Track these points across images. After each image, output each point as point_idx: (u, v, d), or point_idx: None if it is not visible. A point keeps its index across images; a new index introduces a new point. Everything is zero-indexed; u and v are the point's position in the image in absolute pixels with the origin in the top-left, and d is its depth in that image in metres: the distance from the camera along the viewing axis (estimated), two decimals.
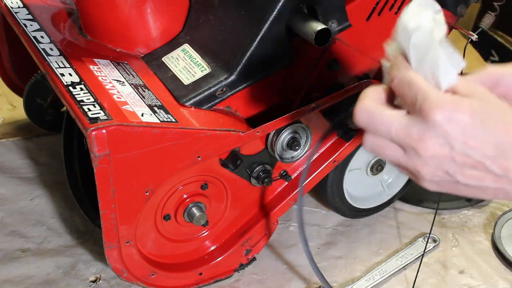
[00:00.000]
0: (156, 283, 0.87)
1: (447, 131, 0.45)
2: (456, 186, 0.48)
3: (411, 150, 0.47)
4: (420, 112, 0.45)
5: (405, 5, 0.90)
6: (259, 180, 0.89)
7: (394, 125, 0.47)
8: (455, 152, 0.45)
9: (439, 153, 0.46)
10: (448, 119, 0.44)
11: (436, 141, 0.45)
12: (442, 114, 0.44)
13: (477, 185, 0.47)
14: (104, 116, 0.68)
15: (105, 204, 0.72)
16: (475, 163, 0.46)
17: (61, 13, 0.96)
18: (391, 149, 0.48)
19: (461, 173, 0.47)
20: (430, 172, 0.47)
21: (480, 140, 0.45)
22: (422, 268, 1.00)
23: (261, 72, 0.82)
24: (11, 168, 1.20)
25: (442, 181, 0.48)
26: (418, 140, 0.46)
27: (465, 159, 0.46)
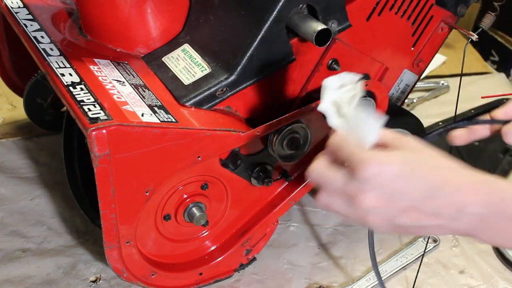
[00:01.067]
0: (156, 283, 0.87)
1: (377, 183, 0.50)
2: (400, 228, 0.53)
3: (352, 204, 0.52)
4: (352, 171, 0.51)
5: (405, 5, 0.90)
6: (259, 180, 0.89)
7: (336, 182, 0.52)
8: (389, 201, 0.50)
9: (375, 204, 0.51)
10: (376, 173, 0.50)
11: (370, 194, 0.50)
12: (370, 170, 0.50)
13: (417, 226, 0.52)
14: (104, 116, 0.68)
15: (105, 204, 0.72)
16: (409, 208, 0.51)
17: (61, 13, 0.96)
18: (338, 204, 0.54)
19: (399, 219, 0.52)
20: (375, 221, 0.52)
21: (412, 185, 0.50)
22: (422, 268, 1.00)
23: (261, 72, 0.82)
24: (11, 168, 1.20)
25: (386, 226, 0.52)
26: (354, 196, 0.51)
27: (400, 205, 0.51)
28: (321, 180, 0.54)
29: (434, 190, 0.50)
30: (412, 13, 0.92)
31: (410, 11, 0.92)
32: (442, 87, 1.51)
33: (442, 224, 0.51)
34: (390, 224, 0.52)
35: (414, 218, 0.51)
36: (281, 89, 0.87)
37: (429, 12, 0.93)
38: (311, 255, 1.05)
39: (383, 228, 0.53)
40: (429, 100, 1.50)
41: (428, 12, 0.93)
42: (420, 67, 0.99)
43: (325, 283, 0.99)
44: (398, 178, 0.50)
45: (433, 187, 0.50)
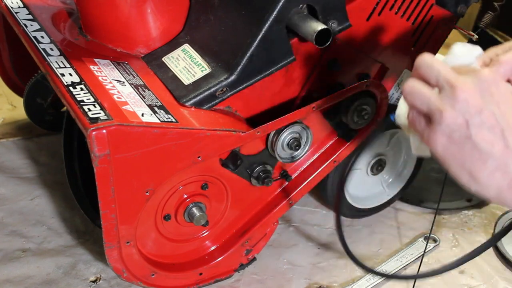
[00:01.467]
0: (156, 283, 0.87)
1: (489, 88, 0.49)
2: (463, 144, 0.50)
3: (448, 90, 0.50)
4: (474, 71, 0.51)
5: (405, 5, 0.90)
6: (259, 180, 0.89)
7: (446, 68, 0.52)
8: (485, 107, 0.49)
9: (472, 101, 0.49)
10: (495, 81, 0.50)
11: (475, 90, 0.49)
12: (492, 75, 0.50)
13: (484, 149, 0.49)
14: (104, 116, 0.68)
15: (105, 204, 0.72)
16: (495, 125, 0.49)
17: (61, 13, 0.96)
18: (427, 89, 0.52)
19: (478, 129, 0.49)
20: (453, 116, 0.50)
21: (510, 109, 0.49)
22: (422, 268, 1.00)
23: (261, 72, 0.82)
24: (11, 168, 1.21)
25: (455, 133, 0.50)
26: (461, 82, 0.50)
27: (490, 117, 0.49)
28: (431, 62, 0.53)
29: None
30: (412, 13, 0.92)
31: (410, 11, 0.92)
32: None
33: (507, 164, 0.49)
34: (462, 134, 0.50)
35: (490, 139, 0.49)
36: (281, 89, 0.87)
37: (429, 12, 0.93)
38: (311, 255, 1.05)
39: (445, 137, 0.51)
40: None
41: (428, 12, 0.93)
42: None
43: (325, 283, 0.99)
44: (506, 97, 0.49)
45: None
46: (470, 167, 0.50)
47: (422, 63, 0.53)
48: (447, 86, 0.50)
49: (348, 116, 0.91)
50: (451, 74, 0.51)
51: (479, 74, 0.50)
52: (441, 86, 0.51)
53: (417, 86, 0.53)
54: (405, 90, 0.54)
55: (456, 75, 0.51)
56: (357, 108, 0.91)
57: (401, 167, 1.12)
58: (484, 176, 0.50)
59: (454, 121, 0.50)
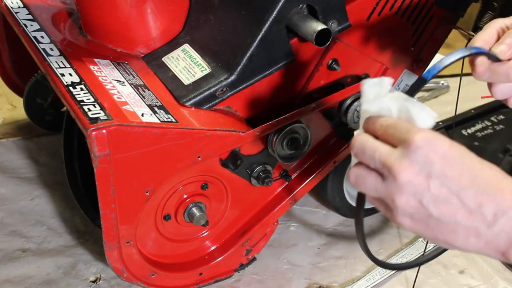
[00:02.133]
0: (156, 283, 0.87)
1: (426, 157, 0.47)
2: (428, 222, 0.48)
3: (389, 176, 0.48)
4: (404, 141, 0.48)
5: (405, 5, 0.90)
6: (259, 180, 0.89)
7: (379, 150, 0.49)
8: (431, 180, 0.47)
9: (415, 179, 0.47)
10: (429, 145, 0.47)
11: (415, 166, 0.47)
12: (424, 139, 0.47)
13: (449, 222, 0.47)
14: (104, 116, 0.68)
15: (105, 204, 0.72)
16: (449, 195, 0.47)
17: (61, 13, 0.96)
18: (370, 178, 0.50)
19: (434, 205, 0.47)
20: (404, 201, 0.48)
21: (457, 171, 0.47)
22: (422, 268, 1.00)
23: (261, 72, 0.82)
24: (11, 168, 1.20)
25: (415, 214, 0.48)
26: (397, 164, 0.47)
27: (440, 189, 0.47)
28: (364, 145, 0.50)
29: (480, 184, 0.46)
30: (412, 13, 0.92)
31: (410, 11, 0.92)
32: (442, 87, 1.51)
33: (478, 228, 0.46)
34: (422, 213, 0.48)
35: (450, 211, 0.47)
36: (281, 89, 0.87)
37: (429, 12, 0.93)
38: (311, 255, 1.05)
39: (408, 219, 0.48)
40: (429, 100, 1.50)
41: (428, 12, 0.93)
42: (420, 67, 0.99)
43: (325, 283, 0.99)
44: (448, 159, 0.47)
45: (479, 181, 0.46)
46: (444, 239, 0.49)
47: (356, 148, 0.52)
48: (387, 172, 0.48)
49: (348, 116, 0.91)
50: (385, 155, 0.49)
51: (410, 145, 0.47)
52: (381, 172, 0.49)
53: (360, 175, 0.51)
54: (351, 181, 0.52)
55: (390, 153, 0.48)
56: (357, 109, 0.91)
57: None
58: (460, 244, 0.48)
59: (409, 205, 0.48)
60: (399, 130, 0.49)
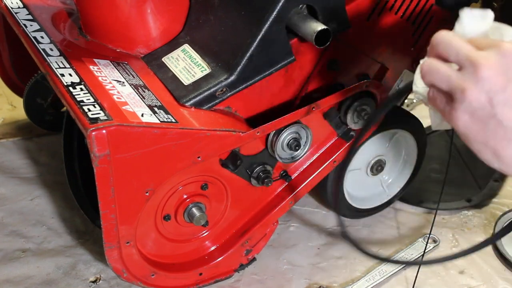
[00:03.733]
0: (156, 283, 0.87)
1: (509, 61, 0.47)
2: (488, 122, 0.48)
3: (469, 67, 0.48)
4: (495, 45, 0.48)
5: (405, 5, 0.90)
6: (259, 180, 0.89)
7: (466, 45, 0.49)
8: (509, 83, 0.47)
9: (495, 78, 0.47)
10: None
11: (499, 67, 0.47)
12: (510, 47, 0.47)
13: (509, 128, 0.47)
14: (104, 117, 0.68)
15: (105, 204, 0.72)
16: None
17: (61, 13, 0.96)
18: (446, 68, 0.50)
19: (503, 107, 0.47)
20: (475, 94, 0.48)
21: None
22: (422, 268, 1.00)
23: (261, 72, 0.82)
24: (11, 168, 1.21)
25: (478, 111, 0.48)
26: (483, 59, 0.47)
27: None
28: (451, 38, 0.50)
29: None
30: (412, 14, 0.92)
31: (410, 12, 0.92)
32: None
33: None
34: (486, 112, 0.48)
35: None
36: (281, 89, 0.87)
37: (429, 13, 0.93)
38: (311, 255, 1.05)
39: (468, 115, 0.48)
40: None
41: (428, 13, 0.93)
42: None
43: (325, 283, 0.99)
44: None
45: None
46: (494, 145, 0.48)
47: (440, 40, 0.51)
48: (469, 64, 0.48)
49: (348, 116, 0.91)
50: (472, 51, 0.49)
51: (501, 49, 0.48)
52: (462, 63, 0.49)
53: (435, 64, 0.51)
54: (423, 70, 0.52)
55: (476, 51, 0.49)
56: (357, 109, 0.91)
57: (401, 167, 1.12)
58: (509, 155, 0.48)
59: (477, 100, 0.48)
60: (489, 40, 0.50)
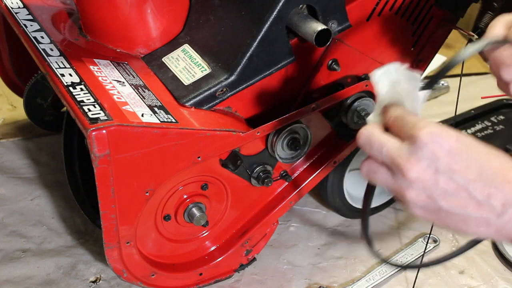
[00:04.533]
0: (156, 284, 0.87)
1: (433, 152, 0.47)
2: (439, 213, 0.49)
3: (398, 172, 0.49)
4: (411, 137, 0.48)
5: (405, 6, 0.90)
6: (259, 180, 0.89)
7: (387, 145, 0.50)
8: (439, 175, 0.47)
9: (423, 176, 0.48)
10: (435, 141, 0.47)
11: (422, 163, 0.48)
12: (430, 135, 0.47)
13: (459, 213, 0.48)
14: (104, 117, 0.68)
15: (105, 205, 0.72)
16: (457, 188, 0.48)
17: (61, 13, 0.96)
18: (381, 173, 0.51)
19: (443, 199, 0.48)
20: (414, 196, 0.49)
21: (464, 164, 0.47)
22: (422, 268, 1.00)
23: (261, 73, 0.82)
24: (11, 168, 1.20)
25: (426, 207, 0.49)
26: (405, 161, 0.48)
27: (448, 183, 0.48)
28: (371, 139, 0.51)
29: (487, 176, 0.47)
30: (412, 14, 0.92)
31: (410, 12, 0.92)
32: (442, 87, 1.51)
33: (488, 218, 0.47)
34: (432, 206, 0.49)
35: (460, 203, 0.47)
36: (281, 89, 0.87)
37: (429, 13, 0.93)
38: (311, 255, 1.05)
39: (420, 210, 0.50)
40: (429, 100, 1.50)
41: (428, 13, 0.93)
42: (420, 67, 0.99)
43: (325, 283, 0.99)
44: (454, 153, 0.47)
45: (486, 172, 0.47)
46: (455, 227, 0.50)
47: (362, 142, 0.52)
48: (395, 168, 0.49)
49: (348, 116, 0.91)
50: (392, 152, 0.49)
51: (417, 141, 0.48)
52: (390, 168, 0.50)
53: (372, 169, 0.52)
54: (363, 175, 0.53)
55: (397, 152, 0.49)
56: (357, 109, 0.91)
57: None
58: (471, 232, 0.49)
59: (419, 199, 0.49)
60: (406, 124, 0.50)
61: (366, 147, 0.52)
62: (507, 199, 0.47)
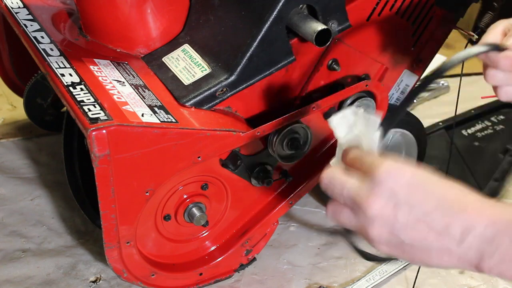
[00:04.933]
0: (156, 283, 0.87)
1: (391, 188, 0.49)
2: (402, 247, 0.50)
3: (359, 210, 0.50)
4: (369, 174, 0.50)
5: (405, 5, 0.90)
6: (259, 180, 0.89)
7: (347, 185, 0.52)
8: (398, 209, 0.49)
9: (383, 212, 0.49)
10: (392, 177, 0.49)
11: (381, 199, 0.49)
12: (386, 173, 0.49)
13: (420, 245, 0.49)
14: (104, 117, 0.68)
15: (106, 205, 0.72)
16: (417, 221, 0.49)
17: (61, 13, 0.96)
18: (344, 213, 0.53)
19: (404, 232, 0.49)
20: (376, 232, 0.50)
21: (421, 197, 0.49)
22: (422, 268, 1.00)
23: (261, 72, 0.82)
24: (11, 168, 1.20)
25: (389, 242, 0.50)
26: (364, 199, 0.50)
27: (408, 216, 0.49)
28: (333, 181, 0.53)
29: (444, 206, 0.48)
30: (412, 14, 0.92)
31: (410, 12, 0.92)
32: (442, 87, 1.51)
33: (448, 248, 0.48)
34: (395, 241, 0.50)
35: (420, 235, 0.49)
36: (281, 89, 0.87)
37: (429, 13, 0.93)
38: (311, 255, 1.05)
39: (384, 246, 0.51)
40: (429, 100, 1.50)
41: (428, 13, 0.93)
42: (420, 67, 0.99)
43: (325, 283, 0.99)
44: (411, 187, 0.49)
45: (443, 203, 0.49)
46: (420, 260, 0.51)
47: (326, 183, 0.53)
48: (356, 207, 0.51)
49: None
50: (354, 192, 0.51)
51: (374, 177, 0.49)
52: (352, 207, 0.51)
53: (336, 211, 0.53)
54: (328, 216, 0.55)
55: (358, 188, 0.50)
56: None
57: None
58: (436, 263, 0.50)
59: (381, 235, 0.50)
60: (364, 164, 0.52)
61: (329, 189, 0.53)
62: (464, 226, 0.48)
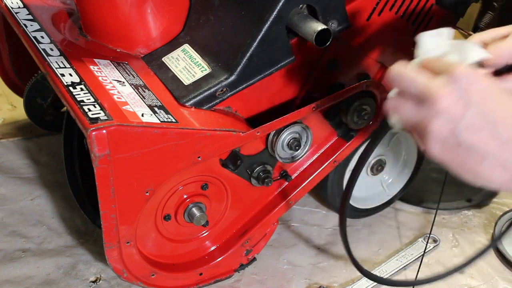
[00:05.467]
0: (156, 283, 0.87)
1: (467, 87, 0.48)
2: (457, 150, 0.49)
3: (425, 103, 0.50)
4: (446, 72, 0.49)
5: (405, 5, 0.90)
6: (259, 180, 0.89)
7: (417, 79, 0.51)
8: (469, 109, 0.48)
9: (452, 108, 0.48)
10: (471, 78, 0.48)
11: (453, 96, 0.48)
12: (467, 73, 0.48)
13: (478, 152, 0.48)
14: (104, 116, 0.68)
15: (105, 204, 0.72)
16: (484, 123, 0.48)
17: (61, 13, 0.96)
18: (407, 105, 0.52)
19: (466, 135, 0.48)
20: (437, 127, 0.49)
21: (495, 105, 0.48)
22: (422, 268, 1.00)
23: (261, 72, 0.82)
24: (11, 168, 1.21)
25: (445, 142, 0.49)
26: (437, 90, 0.49)
27: (476, 117, 0.48)
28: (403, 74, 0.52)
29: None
30: (412, 14, 0.92)
31: (410, 12, 0.92)
32: None
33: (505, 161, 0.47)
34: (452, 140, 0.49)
35: (482, 139, 0.48)
36: (281, 89, 0.87)
37: (429, 13, 0.93)
38: (311, 255, 1.05)
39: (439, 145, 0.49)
40: None
41: (428, 13, 0.93)
42: None
43: (325, 283, 0.99)
44: (485, 94, 0.48)
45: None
46: (470, 168, 0.49)
47: (393, 76, 0.53)
48: (425, 97, 0.50)
49: (348, 116, 0.91)
50: (425, 83, 0.50)
51: (453, 74, 0.49)
52: (420, 98, 0.51)
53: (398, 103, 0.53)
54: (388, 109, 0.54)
55: (430, 81, 0.50)
56: (357, 108, 0.91)
57: (401, 167, 1.12)
58: (486, 174, 0.49)
59: (441, 131, 0.49)
60: (443, 63, 0.51)
61: (396, 81, 0.53)
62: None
